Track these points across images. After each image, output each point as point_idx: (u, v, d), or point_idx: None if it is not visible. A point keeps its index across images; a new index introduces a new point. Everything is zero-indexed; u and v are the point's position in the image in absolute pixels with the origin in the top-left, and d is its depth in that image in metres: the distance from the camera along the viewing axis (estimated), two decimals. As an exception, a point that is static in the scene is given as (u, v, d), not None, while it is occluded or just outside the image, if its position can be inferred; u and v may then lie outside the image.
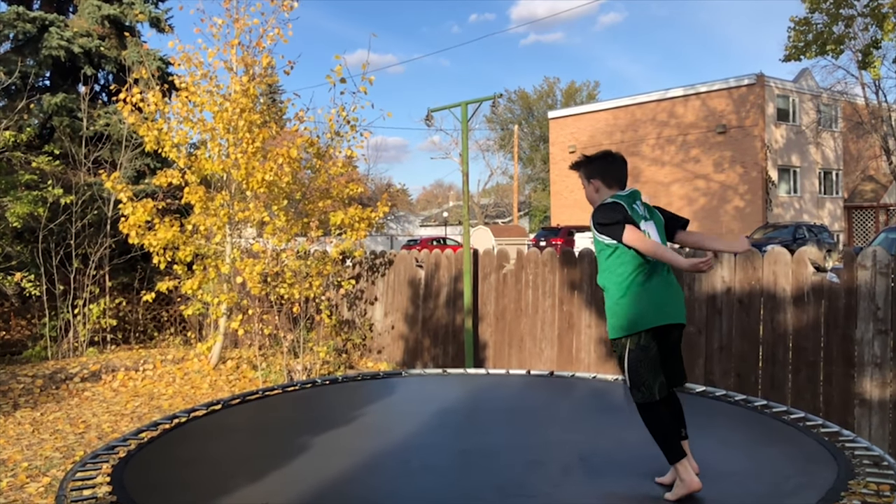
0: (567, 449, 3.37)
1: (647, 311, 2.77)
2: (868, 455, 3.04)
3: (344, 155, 8.68)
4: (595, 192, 2.99)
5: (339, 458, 3.28)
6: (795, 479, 2.88)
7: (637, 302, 2.77)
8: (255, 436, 3.67)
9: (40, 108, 11.05)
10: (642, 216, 2.87)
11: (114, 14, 11.37)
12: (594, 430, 3.68)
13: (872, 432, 4.92)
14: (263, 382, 7.91)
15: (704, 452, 3.03)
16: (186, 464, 3.16)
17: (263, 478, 2.95)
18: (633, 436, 3.40)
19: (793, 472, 2.98)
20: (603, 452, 3.27)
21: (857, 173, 31.90)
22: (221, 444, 3.50)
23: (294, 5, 8.49)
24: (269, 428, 3.76)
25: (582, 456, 3.24)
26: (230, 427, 3.78)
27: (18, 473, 5.14)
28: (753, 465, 3.09)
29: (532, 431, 3.67)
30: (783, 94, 28.31)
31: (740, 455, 3.23)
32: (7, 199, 9.02)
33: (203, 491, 2.80)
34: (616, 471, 3.06)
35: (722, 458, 3.17)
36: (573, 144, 33.16)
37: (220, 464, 3.18)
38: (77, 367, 8.56)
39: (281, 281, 8.06)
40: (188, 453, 3.30)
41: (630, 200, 2.88)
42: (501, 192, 55.48)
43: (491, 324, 7.79)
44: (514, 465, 3.18)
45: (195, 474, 3.03)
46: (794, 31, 22.47)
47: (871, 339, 4.95)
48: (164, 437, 3.46)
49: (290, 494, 2.81)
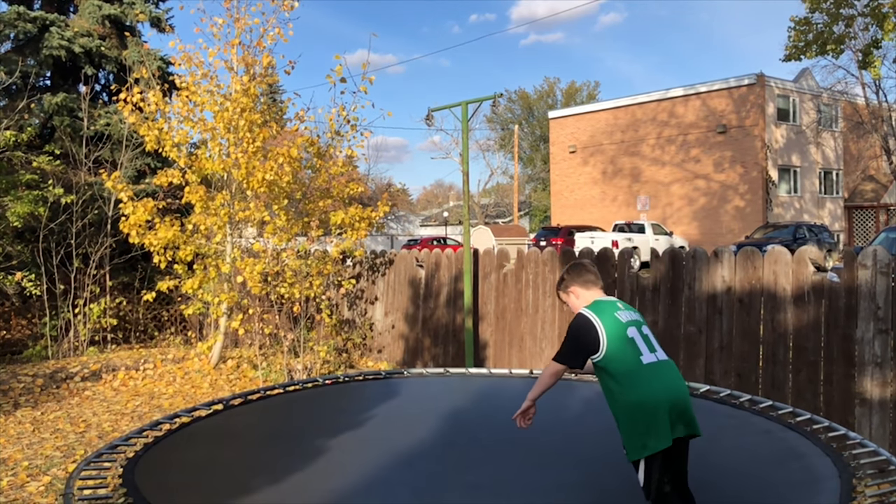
0: (569, 447, 3.37)
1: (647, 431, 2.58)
2: (874, 460, 3.04)
3: (344, 154, 8.68)
4: (577, 300, 2.91)
5: (342, 455, 3.29)
6: (801, 481, 2.88)
7: (632, 422, 2.62)
8: (258, 435, 3.67)
9: (41, 108, 11.05)
10: (628, 322, 2.75)
11: (114, 14, 11.37)
12: (596, 428, 3.68)
13: (873, 432, 4.92)
14: (264, 382, 7.91)
15: (707, 453, 3.03)
16: (192, 463, 3.17)
17: (270, 476, 2.96)
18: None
19: (798, 473, 2.98)
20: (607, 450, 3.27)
21: (858, 173, 31.88)
22: (226, 443, 3.50)
23: (295, 5, 8.50)
24: (272, 427, 3.77)
25: (584, 452, 3.24)
26: (234, 427, 3.78)
27: (19, 472, 5.14)
28: (755, 465, 3.09)
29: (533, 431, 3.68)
30: (783, 93, 28.30)
31: (742, 456, 3.23)
32: (8, 198, 9.02)
33: (211, 489, 2.81)
34: (616, 468, 3.07)
35: (723, 458, 3.17)
36: (573, 144, 33.14)
37: (226, 463, 3.19)
38: (77, 366, 8.57)
39: (281, 280, 8.06)
40: (193, 452, 3.30)
41: (612, 306, 2.81)
42: (502, 191, 55.49)
43: (491, 323, 7.79)
44: (516, 462, 3.19)
45: (202, 473, 3.04)
46: (794, 30, 22.48)
47: (872, 339, 4.95)
48: (169, 436, 3.46)
49: (297, 492, 2.81)
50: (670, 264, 6.12)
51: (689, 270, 5.97)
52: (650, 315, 6.16)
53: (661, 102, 29.97)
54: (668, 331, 6.04)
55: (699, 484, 2.73)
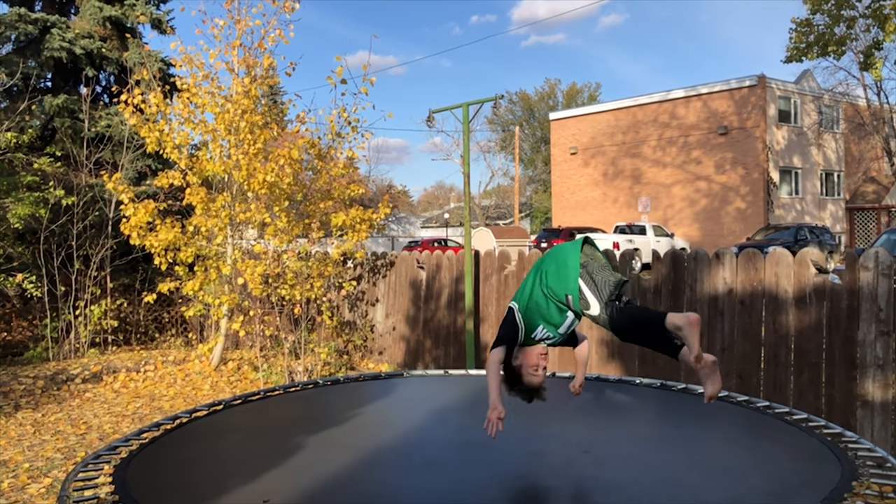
0: (568, 443, 3.37)
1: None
2: (871, 456, 3.03)
3: (345, 156, 8.69)
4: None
5: (341, 457, 3.27)
6: (798, 481, 2.87)
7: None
8: (256, 436, 3.66)
9: (42, 110, 11.06)
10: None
11: (115, 15, 11.39)
12: (596, 427, 3.68)
13: (875, 433, 4.91)
14: (265, 383, 7.91)
15: (707, 454, 3.02)
16: (189, 464, 3.16)
17: (266, 477, 2.95)
18: (636, 432, 3.40)
19: (795, 473, 2.98)
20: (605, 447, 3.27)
21: (859, 175, 31.87)
22: (224, 444, 3.50)
23: (295, 6, 8.51)
24: (270, 428, 3.76)
25: (586, 453, 3.24)
26: (232, 427, 3.77)
27: (20, 474, 5.14)
28: (756, 467, 3.08)
29: (534, 430, 3.67)
30: (785, 95, 28.30)
31: (743, 457, 3.22)
32: (9, 200, 9.03)
33: (205, 491, 2.80)
34: (617, 467, 3.06)
35: (724, 460, 3.16)
36: (574, 146, 33.14)
37: (222, 464, 3.18)
38: (78, 368, 8.56)
39: (282, 282, 8.06)
40: (190, 454, 3.30)
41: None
42: (503, 193, 55.52)
43: (492, 325, 7.78)
44: (516, 461, 3.18)
45: (198, 475, 3.03)
46: (795, 32, 22.47)
47: (874, 341, 4.94)
48: (166, 437, 3.45)
49: (292, 494, 2.80)
50: (672, 266, 6.11)
51: (691, 272, 5.96)
52: (651, 317, 6.15)
53: (662, 104, 29.97)
54: (670, 332, 6.03)
55: (699, 484, 2.72)
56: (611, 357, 6.51)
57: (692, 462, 2.88)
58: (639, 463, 3.10)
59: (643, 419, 3.82)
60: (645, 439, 3.35)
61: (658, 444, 3.25)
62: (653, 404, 4.02)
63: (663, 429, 3.54)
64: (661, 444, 3.25)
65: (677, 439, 3.32)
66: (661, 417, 3.79)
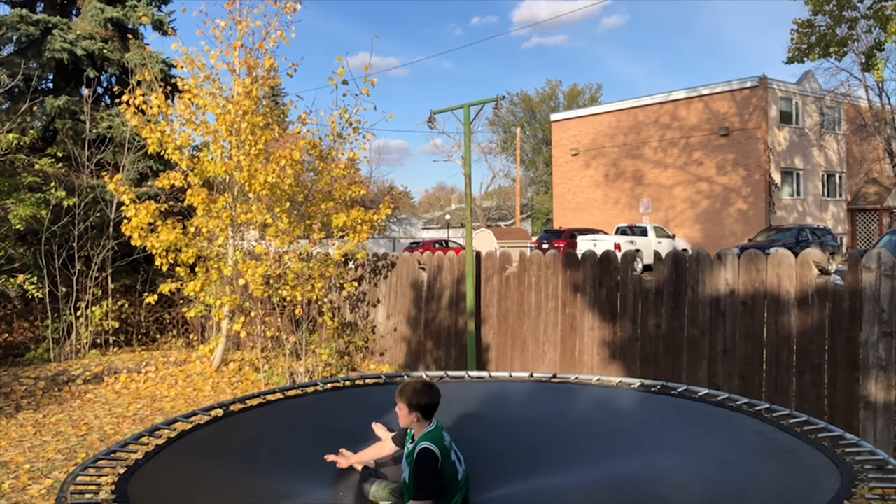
0: (571, 449, 3.36)
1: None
2: (872, 459, 3.02)
3: (346, 157, 8.68)
4: (416, 422, 3.09)
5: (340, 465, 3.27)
6: (799, 484, 2.86)
7: None
8: (257, 438, 3.65)
9: (43, 111, 11.07)
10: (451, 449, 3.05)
11: (117, 17, 11.40)
12: (596, 428, 3.67)
13: (877, 435, 4.89)
14: (266, 385, 7.90)
15: (707, 456, 3.01)
16: (188, 468, 3.15)
17: (268, 480, 2.94)
18: (633, 433, 3.39)
19: (796, 476, 2.96)
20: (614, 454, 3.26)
21: (861, 176, 31.82)
22: (224, 447, 3.48)
23: (297, 7, 8.50)
24: (271, 430, 3.75)
25: (587, 455, 3.23)
26: (233, 430, 3.76)
27: (20, 475, 5.14)
28: (756, 469, 3.06)
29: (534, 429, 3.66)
30: (786, 96, 28.26)
31: (743, 458, 3.20)
32: (10, 201, 9.03)
33: (206, 496, 2.79)
34: (618, 466, 3.05)
35: (724, 461, 3.15)
36: (576, 147, 33.12)
37: (223, 468, 3.17)
38: (79, 369, 8.56)
39: (283, 283, 8.05)
40: (190, 458, 3.29)
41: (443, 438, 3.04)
42: (504, 194, 55.50)
43: (493, 326, 7.77)
44: (517, 460, 3.17)
45: (197, 478, 3.02)
46: (797, 33, 22.45)
47: (876, 342, 4.92)
48: (165, 440, 3.44)
49: (293, 496, 2.80)
50: (673, 267, 6.10)
51: (692, 273, 5.95)
52: (653, 318, 6.14)
53: (663, 105, 29.94)
54: (671, 333, 6.02)
55: (698, 483, 2.71)
56: (612, 359, 6.50)
57: (691, 463, 2.87)
58: (638, 455, 3.09)
59: (637, 422, 3.79)
60: (642, 438, 3.34)
61: (656, 450, 3.23)
62: (654, 406, 4.00)
63: (663, 433, 3.52)
64: (659, 449, 3.23)
65: (678, 441, 3.30)
66: (662, 423, 3.77)
